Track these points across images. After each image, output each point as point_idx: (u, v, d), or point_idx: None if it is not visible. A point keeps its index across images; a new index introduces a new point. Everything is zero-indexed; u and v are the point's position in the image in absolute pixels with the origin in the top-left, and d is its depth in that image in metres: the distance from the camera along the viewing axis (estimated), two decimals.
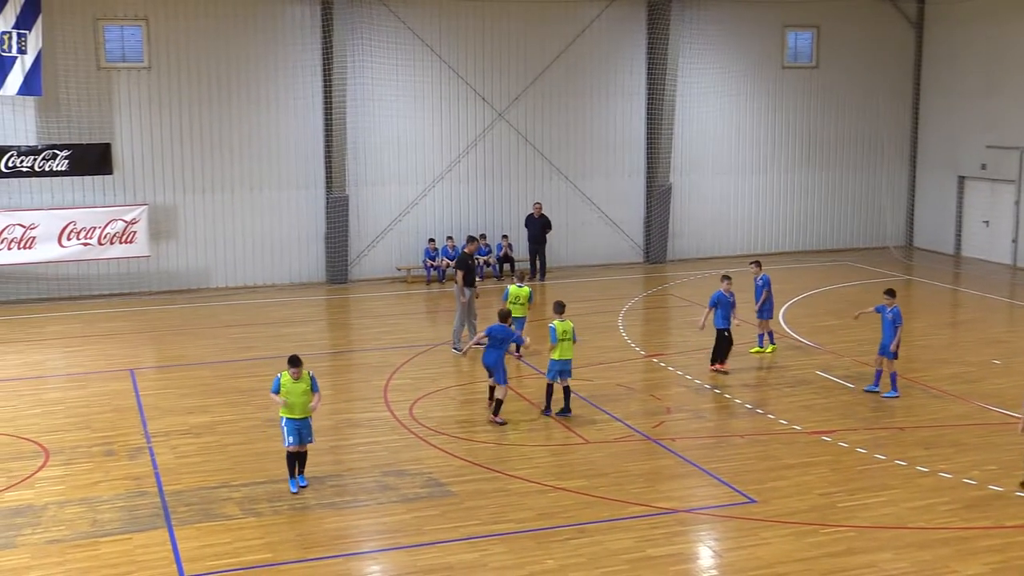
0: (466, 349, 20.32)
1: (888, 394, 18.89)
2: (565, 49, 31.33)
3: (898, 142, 35.48)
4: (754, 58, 33.47)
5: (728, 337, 20.53)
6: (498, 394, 17.79)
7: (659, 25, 31.54)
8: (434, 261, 30.12)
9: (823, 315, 25.63)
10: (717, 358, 20.59)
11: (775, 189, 34.44)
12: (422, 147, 30.48)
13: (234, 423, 17.73)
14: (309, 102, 29.14)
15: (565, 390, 18.00)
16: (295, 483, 14.75)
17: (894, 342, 18.65)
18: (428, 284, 29.89)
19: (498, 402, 17.75)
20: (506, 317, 18.17)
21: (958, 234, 34.11)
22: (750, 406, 18.54)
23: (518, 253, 31.08)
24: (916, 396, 19.09)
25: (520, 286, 21.49)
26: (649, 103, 32.30)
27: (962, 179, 33.84)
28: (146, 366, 21.84)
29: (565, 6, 31.25)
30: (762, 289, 21.72)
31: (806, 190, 34.79)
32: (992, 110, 32.33)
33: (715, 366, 20.57)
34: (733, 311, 20.68)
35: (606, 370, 20.78)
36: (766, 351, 22.01)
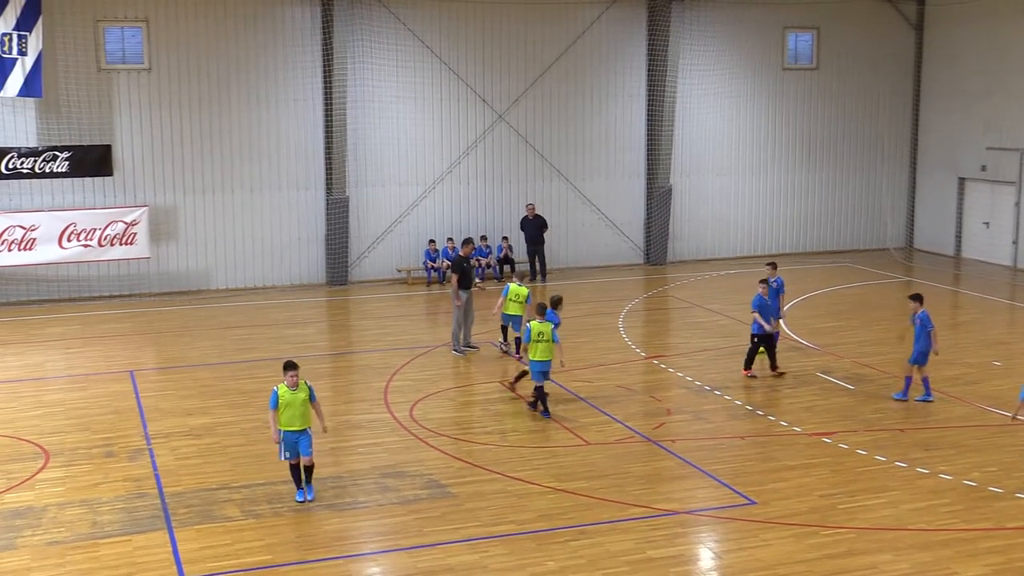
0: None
1: (921, 397, 18.59)
2: (565, 50, 31.34)
3: (898, 143, 35.49)
4: (754, 59, 33.48)
5: (757, 344, 20.23)
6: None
7: (659, 27, 31.55)
8: (434, 263, 30.12)
9: (824, 316, 25.63)
10: (748, 364, 20.34)
11: (775, 190, 34.45)
12: (422, 148, 30.48)
13: (234, 425, 17.73)
14: (309, 103, 29.16)
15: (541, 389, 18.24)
16: (303, 493, 14.43)
17: (934, 347, 18.38)
18: (428, 286, 29.89)
19: (523, 372, 19.18)
20: (557, 303, 19.22)
21: (958, 235, 34.11)
22: (750, 408, 18.53)
23: (518, 255, 31.08)
24: (916, 397, 19.06)
25: (520, 285, 21.56)
26: (649, 105, 32.31)
27: (962, 180, 33.84)
28: (146, 368, 21.84)
29: (565, 8, 31.26)
30: (777, 293, 21.60)
31: (806, 191, 34.80)
32: (992, 111, 32.33)
33: (747, 372, 20.32)
34: (780, 296, 20.62)
35: (606, 371, 20.77)
36: None
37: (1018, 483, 14.95)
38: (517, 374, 19.58)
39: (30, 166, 26.64)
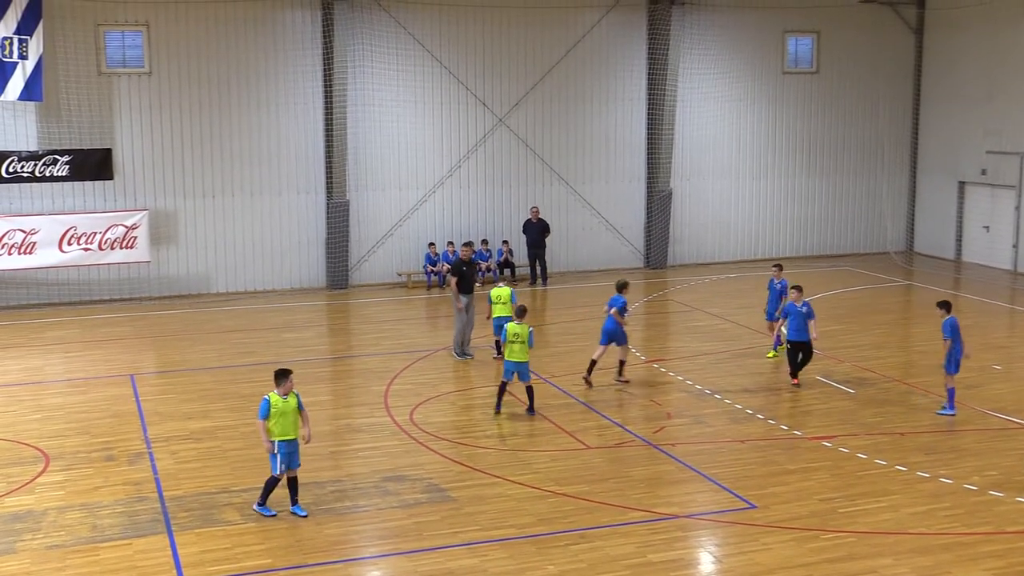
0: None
1: (943, 411, 18.17)
2: (566, 54, 31.36)
3: (898, 147, 35.49)
4: (754, 64, 33.49)
5: (794, 351, 19.90)
6: (620, 355, 20.16)
7: (659, 30, 31.56)
8: (435, 266, 30.12)
9: (824, 320, 25.47)
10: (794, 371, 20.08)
11: (776, 194, 34.45)
12: (423, 152, 30.49)
13: (234, 428, 17.71)
14: (310, 107, 29.17)
15: (528, 390, 18.32)
16: (300, 508, 14.17)
17: (959, 355, 17.91)
18: (428, 289, 29.89)
19: (620, 362, 20.20)
20: (623, 287, 20.45)
21: (958, 239, 34.12)
22: (751, 411, 18.52)
23: (518, 258, 31.08)
24: (917, 401, 19.08)
25: (501, 286, 21.56)
26: (650, 108, 32.31)
27: (962, 184, 33.85)
28: (146, 371, 21.85)
29: (566, 11, 31.27)
30: (779, 294, 21.83)
31: (807, 195, 34.80)
32: (992, 115, 32.34)
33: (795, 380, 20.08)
34: (809, 322, 19.82)
35: (606, 375, 20.75)
36: (767, 354, 22.19)
37: (1019, 487, 14.93)
38: (589, 365, 20.01)
39: (30, 170, 26.65)
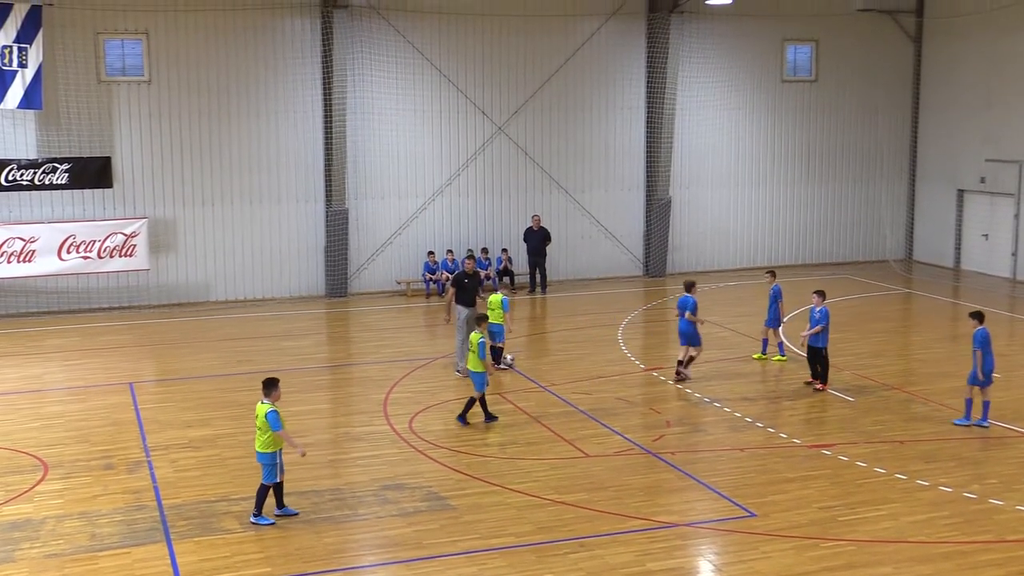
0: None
1: (978, 422, 17.98)
2: (565, 63, 31.39)
3: (897, 155, 35.52)
4: (753, 72, 33.53)
5: (812, 355, 20.34)
6: (691, 352, 20.74)
7: (658, 39, 31.60)
8: (434, 275, 30.12)
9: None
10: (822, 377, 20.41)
11: (775, 202, 34.47)
12: (422, 160, 30.51)
13: (234, 437, 17.69)
14: (309, 115, 29.19)
15: (469, 400, 18.26)
16: (288, 509, 14.37)
17: (989, 368, 17.80)
18: (428, 298, 29.88)
19: (690, 358, 20.78)
20: (690, 287, 20.97)
21: (957, 247, 34.13)
22: (750, 419, 18.51)
23: (518, 266, 31.09)
24: (916, 409, 19.08)
25: (495, 293, 21.74)
26: (648, 116, 32.34)
27: (961, 192, 33.87)
28: (145, 379, 21.83)
29: (564, 20, 31.32)
30: (775, 300, 22.12)
31: (806, 203, 34.83)
32: (991, 124, 32.38)
33: (822, 385, 20.31)
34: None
35: (605, 383, 20.76)
36: (772, 359, 22.32)
37: (1019, 495, 14.92)
38: (685, 359, 20.63)
39: (30, 178, 26.66)
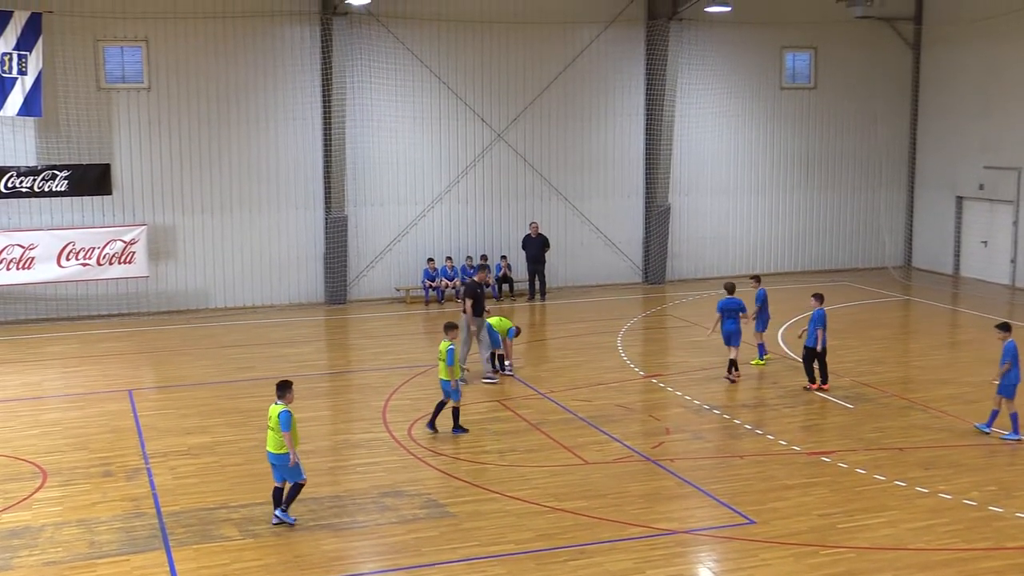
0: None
1: (1008, 435, 17.70)
2: (564, 70, 31.42)
3: (896, 162, 35.55)
4: (752, 79, 33.56)
5: (806, 357, 20.71)
6: (731, 354, 21.14)
7: (657, 46, 31.63)
8: (433, 281, 30.11)
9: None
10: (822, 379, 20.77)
11: (774, 209, 34.49)
12: (421, 167, 30.52)
13: (233, 444, 17.69)
14: (308, 122, 29.20)
15: (438, 405, 18.22)
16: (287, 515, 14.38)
17: (1016, 380, 17.64)
18: (427, 304, 29.87)
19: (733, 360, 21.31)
20: (732, 289, 21.49)
21: (956, 254, 34.14)
22: (749, 426, 18.50)
23: (517, 273, 31.08)
24: (915, 416, 19.07)
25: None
26: (648, 123, 32.37)
27: (960, 199, 33.90)
28: (145, 387, 21.81)
29: (564, 27, 31.35)
30: (762, 304, 22.34)
31: (804, 210, 34.84)
32: (989, 131, 32.41)
33: (815, 385, 20.68)
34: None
35: (605, 390, 20.75)
36: (750, 362, 22.41)
37: (1018, 502, 14.92)
38: (735, 361, 21.11)
39: (29, 185, 26.66)
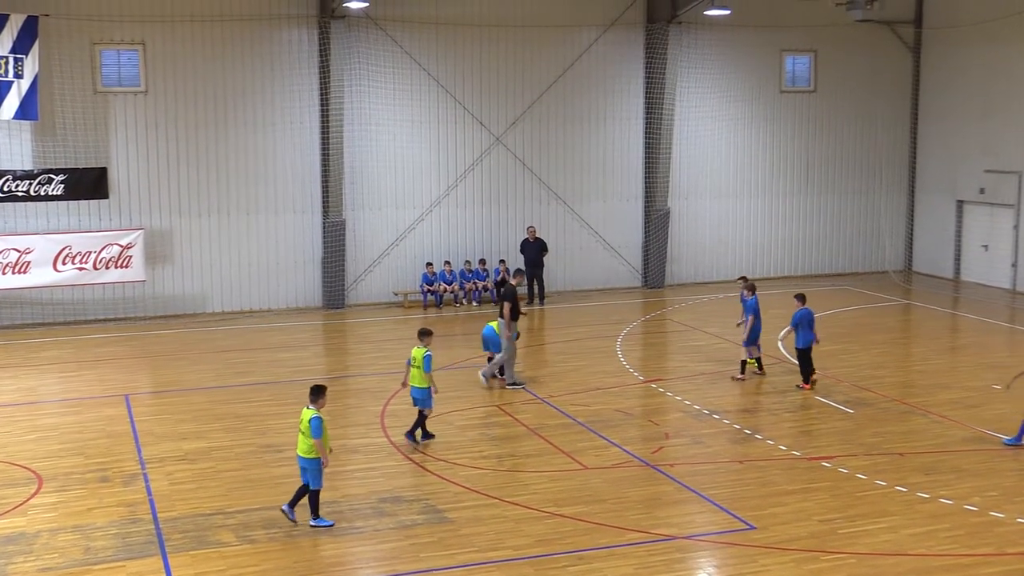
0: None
1: (1009, 440, 17.53)
2: (563, 73, 31.36)
3: (896, 166, 35.49)
4: (752, 82, 33.51)
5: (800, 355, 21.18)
6: (754, 353, 21.83)
7: (657, 49, 31.58)
8: (431, 286, 30.04)
9: (822, 340, 25.43)
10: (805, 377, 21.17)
11: (773, 213, 34.43)
12: (419, 171, 30.45)
13: (230, 449, 17.61)
14: (306, 126, 29.13)
15: (419, 415, 18.02)
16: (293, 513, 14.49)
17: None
18: (425, 309, 29.79)
19: (743, 362, 21.83)
20: (753, 288, 21.90)
21: (957, 258, 34.08)
22: (749, 431, 18.42)
23: None
24: (916, 421, 19.00)
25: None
26: (647, 127, 32.31)
27: (961, 203, 33.84)
28: (141, 392, 21.72)
29: (562, 30, 31.30)
30: (751, 313, 22.16)
31: (804, 214, 34.78)
32: (990, 134, 32.36)
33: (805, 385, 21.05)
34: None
35: (604, 395, 20.68)
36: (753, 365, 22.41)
37: (1019, 508, 14.84)
38: (753, 364, 21.61)
39: (25, 189, 26.58)
